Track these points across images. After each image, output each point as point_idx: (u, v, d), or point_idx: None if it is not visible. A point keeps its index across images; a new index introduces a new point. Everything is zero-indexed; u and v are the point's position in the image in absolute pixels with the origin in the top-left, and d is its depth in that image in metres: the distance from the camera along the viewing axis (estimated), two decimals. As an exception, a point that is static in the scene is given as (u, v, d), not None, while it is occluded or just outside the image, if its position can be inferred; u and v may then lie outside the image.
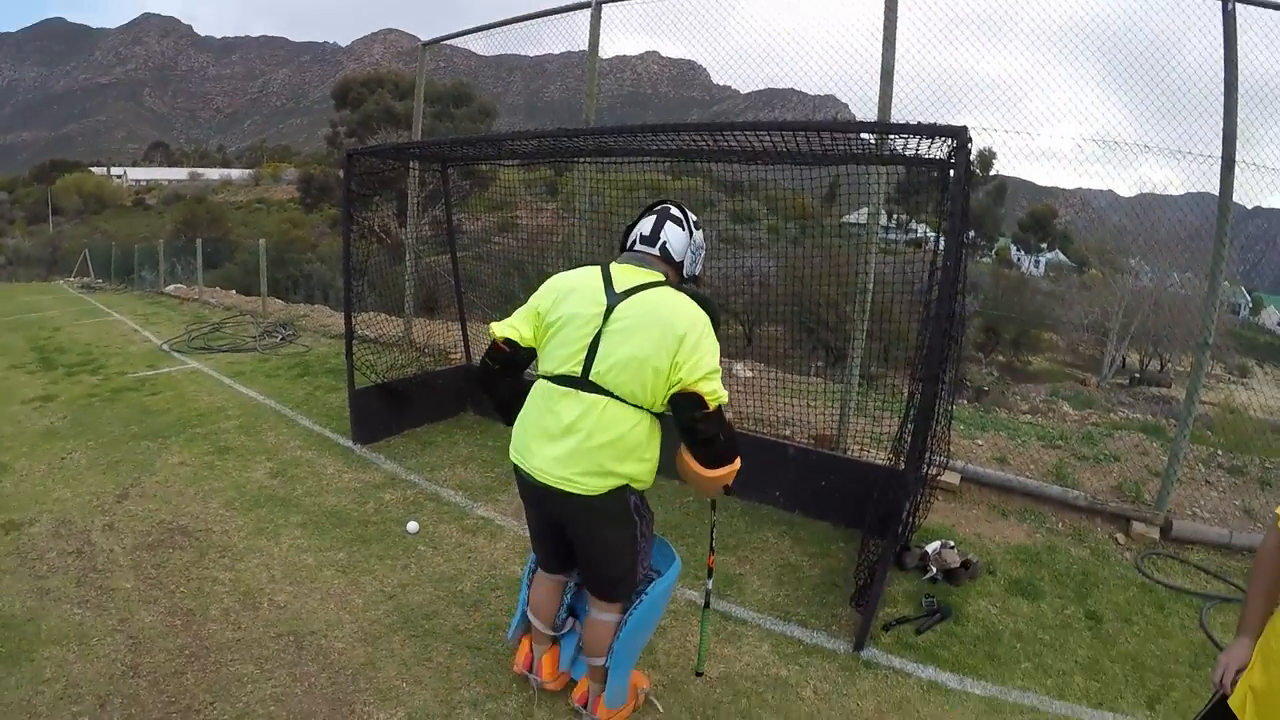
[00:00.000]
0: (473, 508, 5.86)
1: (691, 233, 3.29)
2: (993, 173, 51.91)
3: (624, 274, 3.11)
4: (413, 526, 5.41)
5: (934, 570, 4.93)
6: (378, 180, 7.38)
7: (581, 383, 2.98)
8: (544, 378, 3.10)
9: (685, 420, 2.92)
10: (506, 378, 3.31)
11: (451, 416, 8.14)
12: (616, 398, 2.95)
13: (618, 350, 2.93)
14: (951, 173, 3.98)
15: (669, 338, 2.89)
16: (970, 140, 3.69)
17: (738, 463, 3.03)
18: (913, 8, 6.19)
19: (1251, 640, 2.30)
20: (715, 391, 2.88)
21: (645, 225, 3.27)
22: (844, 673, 3.97)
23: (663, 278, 3.12)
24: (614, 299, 3.01)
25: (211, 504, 5.76)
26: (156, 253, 26.46)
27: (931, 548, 5.04)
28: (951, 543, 5.15)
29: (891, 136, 4.26)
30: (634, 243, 3.27)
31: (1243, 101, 5.32)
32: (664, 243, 3.21)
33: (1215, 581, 5.21)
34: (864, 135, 4.59)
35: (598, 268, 3.18)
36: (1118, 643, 4.39)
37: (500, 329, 3.22)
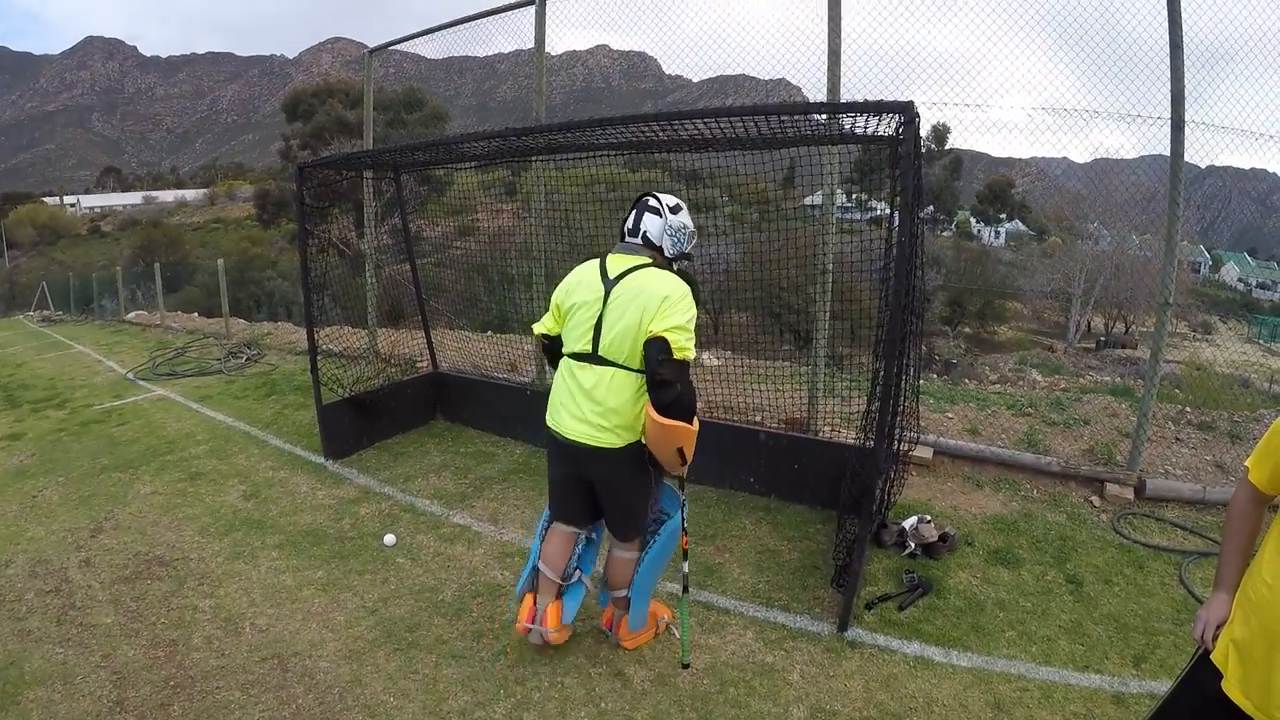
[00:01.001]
0: (449, 516, 5.84)
1: (668, 217, 3.77)
2: (948, 147, 52.32)
3: (616, 262, 3.67)
4: (390, 539, 5.38)
5: (912, 545, 4.96)
6: (332, 192, 7.31)
7: (593, 357, 3.57)
8: (566, 355, 3.72)
9: (651, 362, 3.35)
10: (560, 357, 3.83)
11: (422, 425, 8.10)
12: (621, 366, 3.51)
13: (616, 325, 3.50)
14: (901, 148, 3.97)
15: (653, 302, 3.41)
16: (917, 115, 3.70)
17: (695, 425, 3.44)
18: (857, -14, 6.18)
19: (1229, 595, 2.32)
20: (680, 341, 3.35)
21: (630, 219, 3.82)
22: (830, 654, 3.99)
23: (649, 260, 3.67)
24: (609, 284, 3.59)
25: (186, 531, 5.71)
26: (115, 281, 26.07)
27: (909, 523, 5.07)
28: (928, 517, 5.18)
29: (842, 116, 4.27)
30: (624, 235, 3.83)
31: (1190, 60, 5.34)
32: (644, 231, 3.75)
33: (1192, 537, 5.27)
34: (814, 116, 4.59)
35: (597, 260, 3.75)
36: (1100, 605, 4.43)
37: (537, 328, 3.94)
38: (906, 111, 3.65)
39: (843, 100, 5.82)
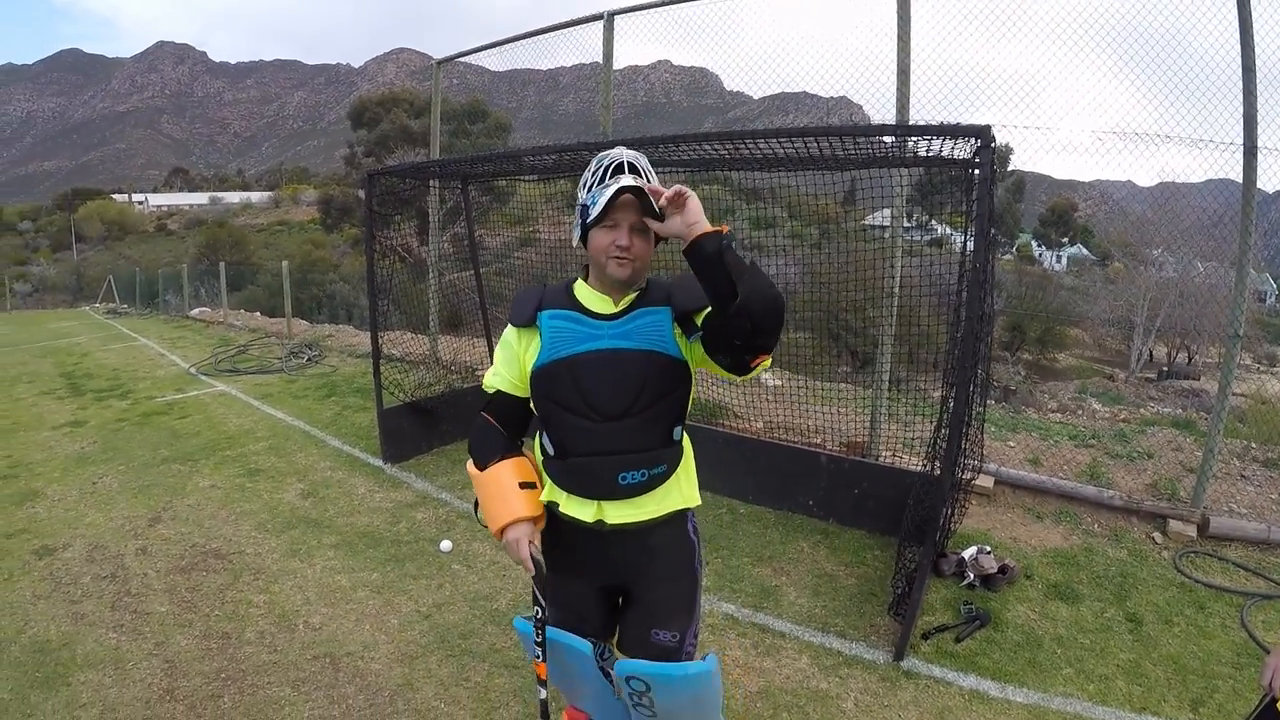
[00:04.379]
0: (504, 524, 5.83)
1: None
2: (1010, 168, 51.68)
3: None
4: (446, 545, 5.40)
5: (971, 576, 4.88)
6: (398, 199, 7.40)
7: None
8: None
9: None
10: None
11: (480, 433, 8.10)
12: None
13: None
14: (977, 173, 3.92)
15: None
16: (994, 140, 3.65)
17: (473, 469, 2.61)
18: (924, 5, 6.13)
19: None
20: None
21: None
22: (885, 683, 3.92)
23: None
24: None
25: (243, 526, 5.79)
26: (180, 277, 26.66)
27: (968, 553, 4.99)
28: (988, 548, 5.09)
29: (912, 138, 4.21)
30: None
31: (1263, 83, 5.21)
32: None
33: (1255, 578, 5.11)
34: (885, 137, 4.53)
35: None
36: (1159, 645, 4.31)
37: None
38: (984, 135, 3.59)
39: (911, 121, 5.77)
